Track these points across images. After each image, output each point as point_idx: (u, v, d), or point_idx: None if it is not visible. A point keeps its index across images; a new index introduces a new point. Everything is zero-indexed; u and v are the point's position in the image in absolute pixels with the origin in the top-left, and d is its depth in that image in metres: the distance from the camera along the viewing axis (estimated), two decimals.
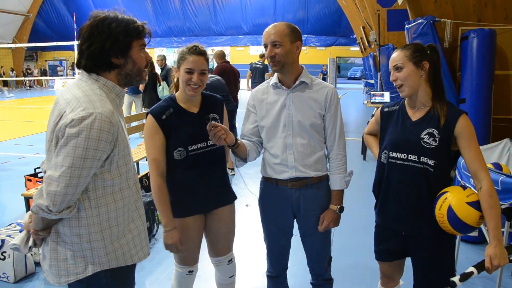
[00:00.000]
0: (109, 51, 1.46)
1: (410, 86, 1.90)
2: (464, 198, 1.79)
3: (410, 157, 1.92)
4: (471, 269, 1.72)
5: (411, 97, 1.96)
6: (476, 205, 1.78)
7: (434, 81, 1.93)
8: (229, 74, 6.19)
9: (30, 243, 1.60)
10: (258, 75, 10.46)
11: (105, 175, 1.46)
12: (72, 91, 1.46)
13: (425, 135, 1.89)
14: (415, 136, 1.91)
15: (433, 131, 1.87)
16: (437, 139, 1.86)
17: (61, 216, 1.40)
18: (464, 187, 1.86)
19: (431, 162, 1.87)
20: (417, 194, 1.93)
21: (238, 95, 6.60)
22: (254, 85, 10.21)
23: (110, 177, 1.47)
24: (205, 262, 2.90)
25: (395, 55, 1.94)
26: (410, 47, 1.92)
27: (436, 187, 1.89)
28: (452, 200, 1.80)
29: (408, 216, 1.97)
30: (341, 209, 2.15)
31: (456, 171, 2.97)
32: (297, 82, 2.07)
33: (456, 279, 1.70)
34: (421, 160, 1.89)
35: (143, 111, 7.78)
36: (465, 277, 1.71)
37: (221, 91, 5.04)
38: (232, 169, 5.98)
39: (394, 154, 1.97)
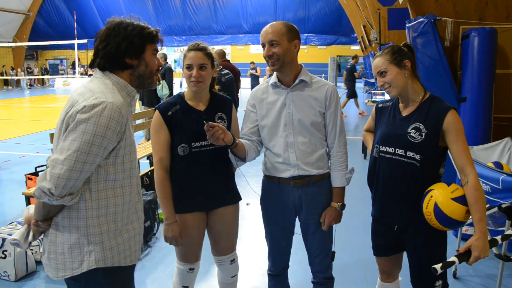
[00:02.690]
0: (124, 51, 1.53)
1: (397, 87, 1.95)
2: (449, 194, 1.83)
3: (398, 151, 1.97)
4: (453, 258, 1.76)
5: (401, 96, 2.01)
6: (461, 200, 1.81)
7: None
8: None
9: (30, 238, 1.61)
10: (346, 74, 12.34)
11: (109, 168, 1.48)
12: (86, 85, 1.52)
13: (411, 129, 1.93)
14: (403, 130, 1.96)
15: (420, 125, 1.92)
16: (423, 134, 1.90)
17: (62, 201, 1.40)
18: (449, 183, 1.89)
19: (417, 157, 1.91)
20: (404, 188, 1.97)
21: (239, 94, 6.60)
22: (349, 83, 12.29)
23: (113, 171, 1.50)
24: (208, 261, 2.91)
25: (377, 61, 1.98)
26: (388, 51, 1.97)
27: (423, 182, 1.92)
28: (438, 197, 1.83)
29: (397, 210, 2.02)
30: (343, 206, 2.15)
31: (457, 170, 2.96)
32: (297, 81, 2.08)
33: (437, 266, 1.73)
34: (407, 155, 1.94)
35: (142, 109, 7.69)
36: (446, 265, 1.74)
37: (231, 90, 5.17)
38: None
39: (383, 148, 2.02)
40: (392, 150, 1.98)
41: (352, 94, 12.22)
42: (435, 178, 1.94)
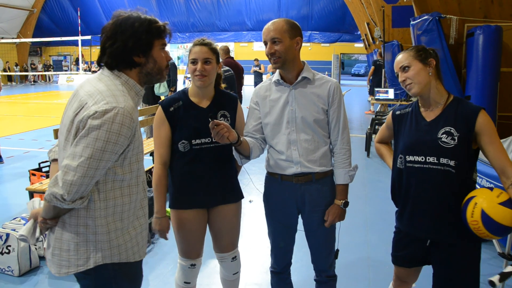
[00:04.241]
0: (132, 49, 1.49)
1: (419, 83, 1.85)
2: (495, 199, 1.68)
3: (429, 159, 1.84)
4: (510, 268, 1.63)
5: (423, 97, 1.91)
6: (509, 203, 1.67)
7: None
8: (233, 70, 6.19)
9: (37, 233, 1.61)
10: (380, 71, 12.18)
11: (117, 169, 1.48)
12: (94, 84, 1.48)
13: (442, 134, 1.82)
14: (432, 136, 1.84)
15: (451, 129, 1.80)
16: (456, 137, 1.78)
17: (74, 206, 1.41)
18: (491, 188, 1.76)
19: (452, 163, 1.79)
20: (439, 199, 1.84)
21: (242, 91, 6.59)
22: (376, 80, 12.29)
23: (121, 172, 1.50)
24: (210, 257, 2.91)
25: (400, 57, 1.92)
26: (413, 48, 1.91)
27: (460, 190, 1.80)
28: (483, 203, 1.68)
29: (432, 223, 1.89)
30: (346, 204, 2.14)
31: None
32: (299, 78, 2.07)
33: (495, 278, 1.60)
34: (441, 162, 1.81)
35: (142, 106, 7.59)
36: (505, 276, 1.62)
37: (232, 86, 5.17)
38: None
39: (411, 158, 1.89)
40: (422, 158, 1.85)
41: (372, 90, 12.29)
42: (470, 184, 1.83)
